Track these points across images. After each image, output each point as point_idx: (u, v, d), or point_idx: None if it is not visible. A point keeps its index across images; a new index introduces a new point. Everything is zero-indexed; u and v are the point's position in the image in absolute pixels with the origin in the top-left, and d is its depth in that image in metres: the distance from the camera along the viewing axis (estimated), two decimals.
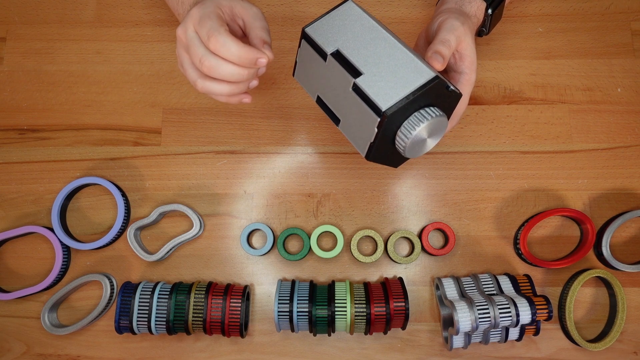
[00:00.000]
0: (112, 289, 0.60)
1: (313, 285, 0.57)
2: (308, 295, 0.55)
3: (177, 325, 0.56)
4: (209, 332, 0.56)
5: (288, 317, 0.55)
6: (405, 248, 0.62)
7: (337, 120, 0.49)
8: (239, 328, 0.56)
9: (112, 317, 0.60)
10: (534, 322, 0.53)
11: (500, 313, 0.52)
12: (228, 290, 0.56)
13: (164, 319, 0.55)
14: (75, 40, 0.66)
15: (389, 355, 0.59)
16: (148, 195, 0.62)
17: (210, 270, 0.61)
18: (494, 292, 0.56)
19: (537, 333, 0.56)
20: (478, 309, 0.52)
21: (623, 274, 0.60)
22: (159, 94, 0.65)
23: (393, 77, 0.44)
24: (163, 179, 0.63)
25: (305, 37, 0.49)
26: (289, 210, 0.62)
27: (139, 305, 0.55)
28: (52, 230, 0.60)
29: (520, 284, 0.57)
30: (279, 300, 0.55)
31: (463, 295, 0.56)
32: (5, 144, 0.64)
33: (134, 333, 0.56)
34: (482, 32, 0.59)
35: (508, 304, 0.53)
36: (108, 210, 0.62)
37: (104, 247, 0.61)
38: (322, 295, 0.56)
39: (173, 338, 0.59)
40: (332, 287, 0.57)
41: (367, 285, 0.57)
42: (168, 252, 0.60)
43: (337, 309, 0.54)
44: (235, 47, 0.44)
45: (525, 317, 0.52)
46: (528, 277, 0.58)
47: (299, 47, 0.50)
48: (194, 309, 0.55)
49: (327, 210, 0.62)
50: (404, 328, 0.56)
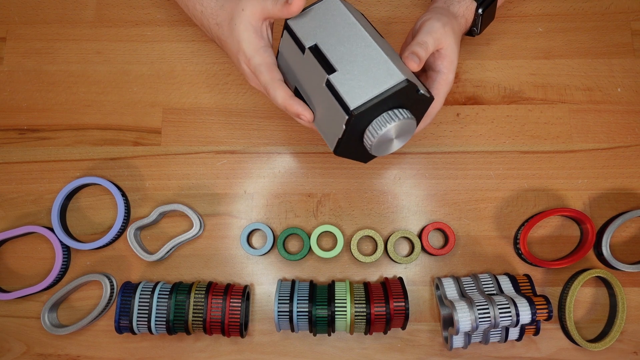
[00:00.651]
0: (112, 289, 0.60)
1: (313, 285, 0.57)
2: (308, 295, 0.55)
3: (177, 325, 0.56)
4: (209, 332, 0.56)
5: (288, 317, 0.55)
6: (405, 248, 0.62)
7: None
8: (239, 328, 0.56)
9: (112, 317, 0.60)
10: (534, 322, 0.53)
11: (500, 313, 0.52)
12: (228, 290, 0.56)
13: (164, 319, 0.55)
14: (75, 40, 0.66)
15: (389, 355, 0.59)
16: (148, 195, 0.62)
17: (210, 270, 0.61)
18: (494, 292, 0.56)
19: (537, 333, 0.56)
20: (478, 309, 0.52)
21: (623, 274, 0.60)
22: (159, 94, 0.65)
23: (365, 76, 0.45)
24: (163, 179, 0.63)
25: (287, 28, 0.50)
26: (289, 210, 0.62)
27: (139, 305, 0.55)
28: (52, 230, 0.60)
29: (520, 284, 0.57)
30: (279, 300, 0.55)
31: (463, 295, 0.56)
32: (5, 144, 0.64)
33: (134, 333, 0.56)
34: (473, 31, 0.59)
35: (508, 304, 0.53)
36: (108, 210, 0.62)
37: (104, 247, 0.61)
38: (322, 295, 0.56)
39: (173, 338, 0.59)
40: (332, 287, 0.57)
41: (367, 285, 0.57)
42: (168, 252, 0.60)
43: (337, 309, 0.54)
44: (281, 98, 0.48)
45: (525, 317, 0.52)
46: (528, 277, 0.58)
47: (282, 37, 0.51)
48: (194, 309, 0.55)
49: (327, 210, 0.62)
50: (404, 328, 0.56)
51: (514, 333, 0.55)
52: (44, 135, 0.64)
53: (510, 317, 0.52)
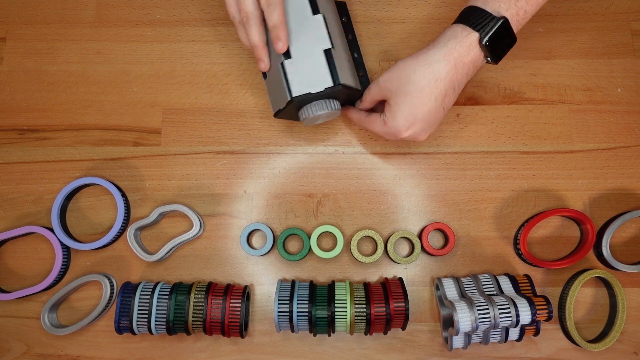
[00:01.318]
0: (112, 289, 0.60)
1: (313, 286, 0.57)
2: (308, 296, 0.55)
3: (177, 326, 0.56)
4: (209, 332, 0.56)
5: (288, 317, 0.55)
6: (405, 248, 0.62)
7: (265, 76, 0.58)
8: (239, 328, 0.56)
9: (112, 317, 0.60)
10: (534, 322, 0.53)
11: (500, 313, 0.52)
12: (228, 291, 0.56)
13: (164, 319, 0.55)
14: (75, 40, 0.66)
15: (389, 356, 0.59)
16: (148, 196, 0.62)
17: (210, 271, 0.61)
18: (494, 292, 0.56)
19: (537, 333, 0.56)
20: (478, 309, 0.52)
21: (623, 274, 0.60)
22: (159, 94, 0.65)
23: (310, 73, 0.54)
24: (163, 179, 0.63)
25: None
26: (289, 211, 0.62)
27: (139, 306, 0.55)
28: (52, 231, 0.60)
29: (520, 284, 0.57)
30: (279, 301, 0.55)
31: (463, 296, 0.56)
32: (5, 144, 0.64)
33: (134, 333, 0.56)
34: (490, 61, 0.53)
35: (508, 304, 0.53)
36: (108, 211, 0.62)
37: (104, 247, 0.61)
38: (322, 296, 0.56)
39: (173, 338, 0.59)
40: (332, 287, 0.57)
41: (367, 286, 0.57)
42: (168, 252, 0.60)
43: (337, 309, 0.54)
44: (277, 17, 0.52)
45: (525, 317, 0.52)
46: (528, 277, 0.58)
47: None
48: (194, 309, 0.55)
49: (327, 211, 0.62)
50: (404, 328, 0.56)
51: (514, 333, 0.55)
52: (44, 135, 0.64)
53: (510, 317, 0.52)
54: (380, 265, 0.61)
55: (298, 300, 0.55)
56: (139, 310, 0.55)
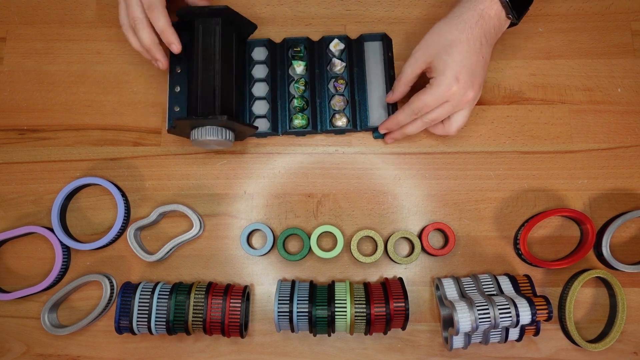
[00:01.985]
0: (112, 289, 0.60)
1: (313, 286, 0.57)
2: (308, 296, 0.55)
3: (177, 326, 0.56)
4: (209, 332, 0.56)
5: (288, 317, 0.55)
6: (405, 248, 0.62)
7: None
8: (239, 328, 0.56)
9: (112, 317, 0.60)
10: (534, 322, 0.53)
11: (500, 313, 0.52)
12: (228, 291, 0.56)
13: (164, 319, 0.55)
14: (75, 40, 0.66)
15: (389, 356, 0.59)
16: (148, 195, 0.62)
17: (210, 271, 0.61)
18: (494, 292, 0.56)
19: (537, 333, 0.56)
20: (478, 309, 0.52)
21: (623, 274, 0.60)
22: (159, 94, 0.64)
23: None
24: (163, 179, 0.63)
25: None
26: (289, 211, 0.62)
27: (139, 306, 0.55)
28: (52, 231, 0.60)
29: (520, 284, 0.57)
30: (279, 301, 0.55)
31: (463, 296, 0.56)
32: (5, 144, 0.64)
33: (134, 333, 0.56)
34: (512, 21, 0.57)
35: (508, 304, 0.53)
36: (108, 211, 0.62)
37: (104, 247, 0.61)
38: (322, 296, 0.56)
39: (173, 338, 0.59)
40: (332, 287, 0.57)
41: (367, 286, 0.57)
42: (168, 252, 0.60)
43: (337, 309, 0.54)
44: (163, 22, 0.56)
45: (525, 317, 0.52)
46: (528, 277, 0.58)
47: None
48: (194, 309, 0.55)
49: (327, 211, 0.62)
50: (404, 328, 0.56)
51: (514, 333, 0.55)
52: (44, 136, 0.64)
53: (510, 317, 0.52)
54: (380, 265, 0.61)
55: (298, 300, 0.55)
56: (139, 310, 0.55)
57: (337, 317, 0.54)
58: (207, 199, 0.62)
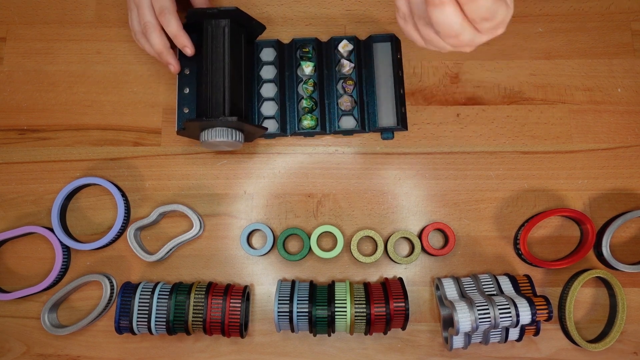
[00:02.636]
0: (112, 289, 0.60)
1: (313, 286, 0.57)
2: (308, 296, 0.55)
3: (177, 326, 0.56)
4: (209, 332, 0.56)
5: (288, 317, 0.55)
6: (405, 248, 0.62)
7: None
8: (239, 328, 0.56)
9: (112, 317, 0.60)
10: (534, 322, 0.53)
11: (500, 313, 0.52)
12: (228, 291, 0.56)
13: (164, 319, 0.55)
14: (75, 40, 0.66)
15: (389, 356, 0.59)
16: (148, 195, 0.62)
17: (210, 271, 0.61)
18: (494, 292, 0.56)
19: (537, 333, 0.56)
20: (478, 309, 0.52)
21: (623, 274, 0.60)
22: (159, 94, 0.65)
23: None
24: (163, 179, 0.63)
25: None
26: (289, 211, 0.62)
27: (139, 306, 0.55)
28: (52, 231, 0.60)
29: (520, 284, 0.57)
30: (279, 301, 0.55)
31: (463, 296, 0.56)
32: (5, 144, 0.64)
33: (134, 333, 0.56)
34: None
35: (508, 304, 0.53)
36: (108, 210, 0.62)
37: (104, 247, 0.61)
38: (322, 296, 0.56)
39: (173, 338, 0.59)
40: (332, 287, 0.57)
41: (367, 286, 0.57)
42: (168, 252, 0.60)
43: (337, 309, 0.54)
44: (175, 26, 0.56)
45: (525, 317, 0.52)
46: (528, 277, 0.58)
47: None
48: (194, 309, 0.55)
49: (327, 211, 0.62)
50: (404, 328, 0.56)
51: (514, 333, 0.55)
52: (44, 136, 0.64)
53: (510, 317, 0.52)
54: (380, 265, 0.61)
55: (298, 300, 0.55)
56: (139, 310, 0.55)
57: (337, 317, 0.54)
58: (207, 199, 0.62)
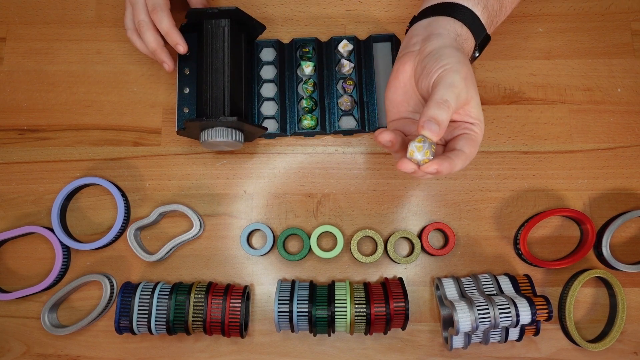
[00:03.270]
0: (112, 289, 0.60)
1: (313, 286, 0.57)
2: (308, 296, 0.55)
3: (177, 326, 0.56)
4: (209, 332, 0.56)
5: (288, 317, 0.55)
6: (405, 248, 0.62)
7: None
8: (239, 328, 0.56)
9: (112, 317, 0.60)
10: (534, 322, 0.53)
11: (500, 313, 0.52)
12: (228, 291, 0.56)
13: (164, 319, 0.55)
14: (75, 40, 0.66)
15: (389, 356, 0.59)
16: (148, 195, 0.62)
17: (210, 271, 0.61)
18: (494, 292, 0.56)
19: (537, 333, 0.56)
20: (478, 309, 0.52)
21: (623, 274, 0.60)
22: (159, 94, 0.65)
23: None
24: (163, 179, 0.63)
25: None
26: (289, 211, 0.62)
27: (139, 306, 0.55)
28: (52, 231, 0.60)
29: (520, 284, 0.57)
30: (279, 301, 0.55)
31: (463, 296, 0.56)
32: (5, 144, 0.64)
33: (134, 333, 0.56)
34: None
35: (508, 304, 0.53)
36: (108, 210, 0.62)
37: (104, 247, 0.61)
38: (322, 296, 0.56)
39: (173, 338, 0.59)
40: (332, 287, 0.57)
41: (367, 286, 0.57)
42: (168, 252, 0.60)
43: (337, 309, 0.54)
44: (167, 23, 0.56)
45: (525, 317, 0.52)
46: (528, 277, 0.58)
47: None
48: (194, 309, 0.55)
49: (327, 211, 0.62)
50: (404, 328, 0.56)
51: (514, 333, 0.55)
52: (44, 135, 0.64)
53: (510, 317, 0.52)
54: (380, 265, 0.61)
55: (298, 300, 0.55)
56: (139, 310, 0.55)
57: (337, 317, 0.54)
58: (207, 199, 0.62)
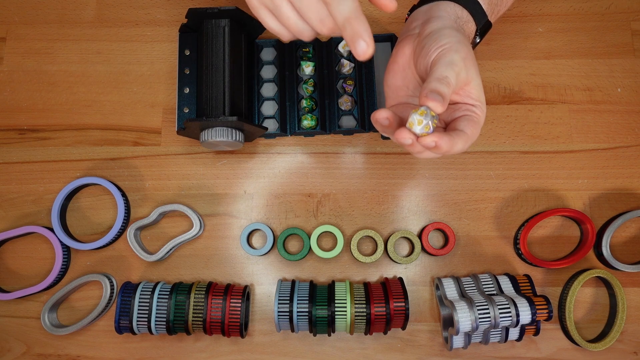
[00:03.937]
0: (112, 289, 0.60)
1: (313, 286, 0.57)
2: (308, 296, 0.55)
3: (177, 325, 0.56)
4: (209, 332, 0.56)
5: (288, 317, 0.55)
6: (405, 248, 0.62)
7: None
8: (239, 328, 0.56)
9: (112, 317, 0.60)
10: (534, 322, 0.53)
11: (500, 313, 0.52)
12: (228, 290, 0.56)
13: (164, 319, 0.55)
14: (75, 40, 0.66)
15: (389, 355, 0.59)
16: (148, 195, 0.62)
17: (210, 270, 0.61)
18: (494, 292, 0.56)
19: (537, 333, 0.56)
20: (478, 309, 0.52)
21: (623, 274, 0.60)
22: (159, 94, 0.65)
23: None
24: (163, 179, 0.63)
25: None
26: (289, 210, 0.62)
27: (139, 305, 0.55)
28: (52, 230, 0.60)
29: (520, 284, 0.57)
30: (279, 300, 0.55)
31: (463, 295, 0.56)
32: (5, 144, 0.64)
33: (134, 333, 0.56)
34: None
35: (508, 304, 0.53)
36: (108, 210, 0.62)
37: (104, 247, 0.61)
38: (322, 296, 0.56)
39: (173, 338, 0.59)
40: (332, 287, 0.57)
41: (367, 286, 0.57)
42: (168, 252, 0.60)
43: (337, 309, 0.54)
44: (353, 5, 0.38)
45: (525, 317, 0.52)
46: (528, 277, 0.58)
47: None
48: (194, 309, 0.55)
49: (327, 210, 0.62)
50: (404, 328, 0.56)
51: (514, 333, 0.55)
52: (44, 135, 0.64)
53: (510, 317, 0.52)
54: (380, 265, 0.61)
55: (298, 300, 0.55)
56: (139, 310, 0.55)
57: (337, 317, 0.54)
58: (207, 199, 0.62)
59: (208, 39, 0.57)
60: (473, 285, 0.57)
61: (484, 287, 0.56)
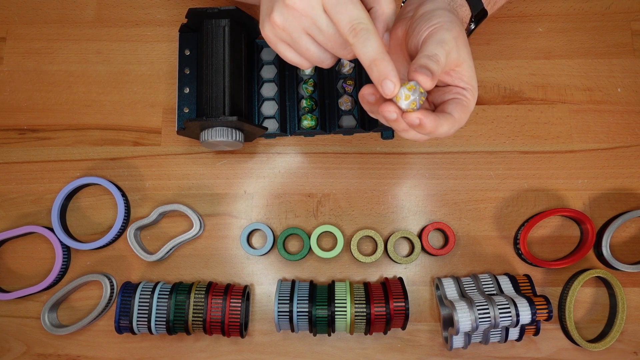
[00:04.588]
0: (112, 289, 0.60)
1: (313, 285, 0.57)
2: (308, 295, 0.55)
3: (177, 325, 0.56)
4: (209, 332, 0.56)
5: (288, 317, 0.55)
6: (405, 248, 0.62)
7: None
8: (239, 328, 0.56)
9: (112, 317, 0.60)
10: (534, 322, 0.53)
11: (500, 313, 0.52)
12: (228, 290, 0.56)
13: (164, 319, 0.55)
14: (75, 40, 0.66)
15: (389, 355, 0.59)
16: (148, 195, 0.62)
17: (210, 270, 0.61)
18: (494, 292, 0.56)
19: (537, 333, 0.56)
20: (478, 309, 0.52)
21: (623, 274, 0.60)
22: (159, 94, 0.65)
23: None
24: (163, 179, 0.63)
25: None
26: (289, 210, 0.62)
27: (139, 305, 0.55)
28: (52, 230, 0.60)
29: (520, 284, 0.57)
30: (279, 300, 0.55)
31: (463, 295, 0.56)
32: (5, 144, 0.64)
33: (134, 333, 0.56)
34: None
35: (508, 304, 0.53)
36: (108, 210, 0.62)
37: (104, 247, 0.61)
38: (322, 295, 0.56)
39: (173, 338, 0.59)
40: (332, 287, 0.57)
41: (367, 285, 0.57)
42: (168, 252, 0.60)
43: (337, 309, 0.54)
44: (377, 45, 0.38)
45: (525, 317, 0.52)
46: (528, 277, 0.58)
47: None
48: (194, 309, 0.55)
49: (327, 210, 0.62)
50: (404, 328, 0.56)
51: (514, 333, 0.55)
52: (44, 135, 0.64)
53: (510, 317, 0.52)
54: (380, 265, 0.61)
55: (298, 300, 0.55)
56: (139, 310, 0.55)
57: (337, 317, 0.54)
58: (207, 199, 0.62)
59: (208, 39, 0.57)
60: (473, 285, 0.57)
61: (484, 287, 0.56)
